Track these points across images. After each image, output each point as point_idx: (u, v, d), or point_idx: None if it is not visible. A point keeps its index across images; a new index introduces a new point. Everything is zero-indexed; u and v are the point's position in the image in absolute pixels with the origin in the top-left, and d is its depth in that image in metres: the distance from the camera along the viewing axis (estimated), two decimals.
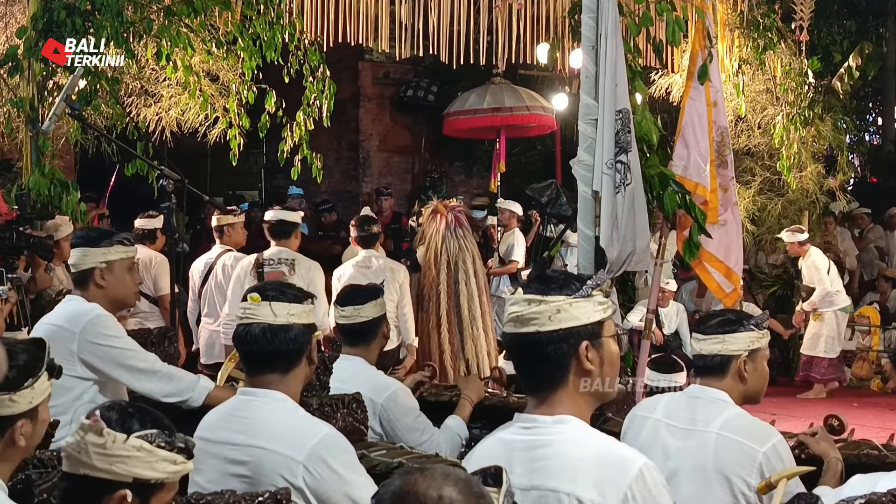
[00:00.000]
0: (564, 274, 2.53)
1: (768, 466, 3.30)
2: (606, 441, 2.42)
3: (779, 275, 12.14)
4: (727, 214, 6.15)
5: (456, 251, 8.10)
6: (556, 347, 2.41)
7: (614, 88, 5.00)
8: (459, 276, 8.12)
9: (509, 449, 2.44)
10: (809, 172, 11.35)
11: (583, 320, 2.42)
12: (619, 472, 2.31)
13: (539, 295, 2.41)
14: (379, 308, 4.41)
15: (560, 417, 2.41)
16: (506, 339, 2.50)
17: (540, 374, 2.46)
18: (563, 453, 2.36)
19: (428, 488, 1.72)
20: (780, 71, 10.84)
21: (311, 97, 8.59)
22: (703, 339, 3.51)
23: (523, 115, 13.14)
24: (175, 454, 2.29)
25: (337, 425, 3.70)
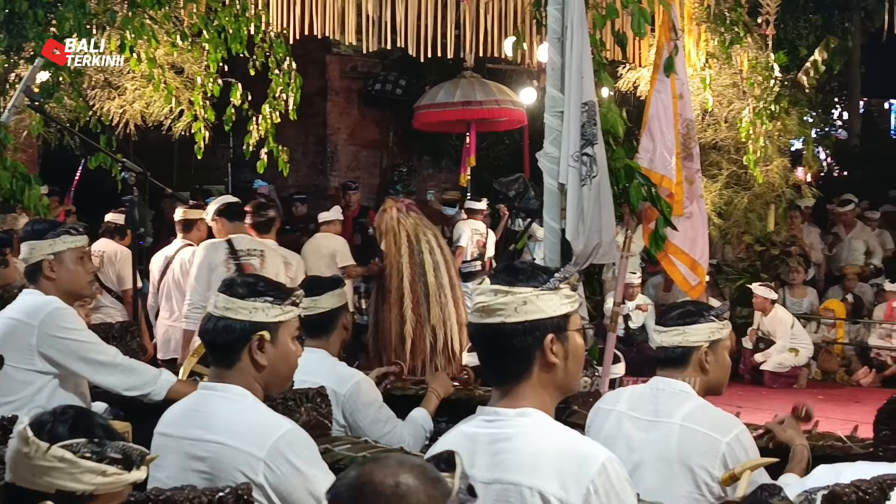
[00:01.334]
0: (532, 265, 2.51)
1: (731, 457, 3.30)
2: (569, 435, 2.41)
3: (745, 268, 12.20)
4: (693, 207, 6.16)
5: (414, 226, 8.14)
6: (522, 339, 2.39)
7: (580, 81, 4.99)
8: (422, 246, 8.15)
9: (472, 442, 2.41)
10: (776, 166, 11.41)
11: (549, 313, 2.40)
12: (582, 466, 2.29)
13: (506, 286, 2.39)
14: (338, 299, 4.35)
15: (523, 410, 2.39)
16: (471, 329, 2.48)
17: (504, 366, 2.44)
18: (526, 447, 2.35)
19: (384, 476, 1.71)
20: (747, 65, 10.88)
21: (278, 90, 8.54)
22: (665, 331, 3.52)
23: (493, 110, 13.14)
24: (105, 465, 2.22)
25: (301, 419, 3.68)
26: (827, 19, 12.86)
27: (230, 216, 7.29)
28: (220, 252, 7.11)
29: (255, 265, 7.05)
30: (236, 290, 3.05)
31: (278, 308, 3.04)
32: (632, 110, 7.23)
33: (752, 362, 11.42)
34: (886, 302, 11.86)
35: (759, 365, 11.30)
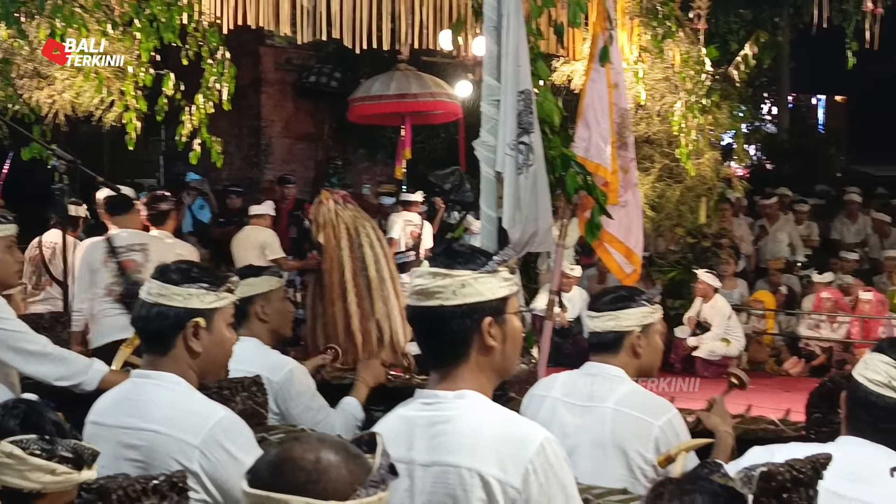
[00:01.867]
0: (471, 248, 2.50)
1: (664, 440, 3.36)
2: (508, 416, 2.41)
3: (677, 260, 12.35)
4: (627, 196, 6.22)
5: (352, 218, 8.05)
6: (460, 322, 2.38)
7: (516, 69, 5.00)
8: (362, 239, 8.06)
9: (410, 425, 2.41)
10: (707, 159, 11.56)
11: (487, 296, 2.39)
12: (521, 446, 2.29)
13: (444, 269, 2.38)
14: (248, 288, 4.23)
15: (461, 393, 2.39)
16: (409, 311, 2.48)
17: (442, 349, 2.43)
18: (464, 429, 2.34)
19: (304, 452, 1.71)
20: (679, 59, 10.99)
21: (211, 80, 8.44)
22: (597, 317, 3.55)
23: (429, 102, 13.10)
24: (55, 464, 2.17)
25: (236, 408, 3.63)
26: (757, 14, 13.07)
27: (112, 210, 7.07)
28: (99, 251, 6.89)
29: (138, 260, 6.83)
30: (170, 276, 3.00)
31: (213, 294, 3.01)
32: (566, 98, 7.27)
33: (683, 352, 11.55)
34: (815, 293, 12.07)
35: (692, 352, 11.43)
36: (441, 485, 2.33)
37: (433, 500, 2.34)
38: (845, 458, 2.61)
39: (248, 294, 4.25)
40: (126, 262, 6.81)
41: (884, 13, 9.57)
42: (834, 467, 2.53)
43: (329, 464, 1.70)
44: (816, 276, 12.32)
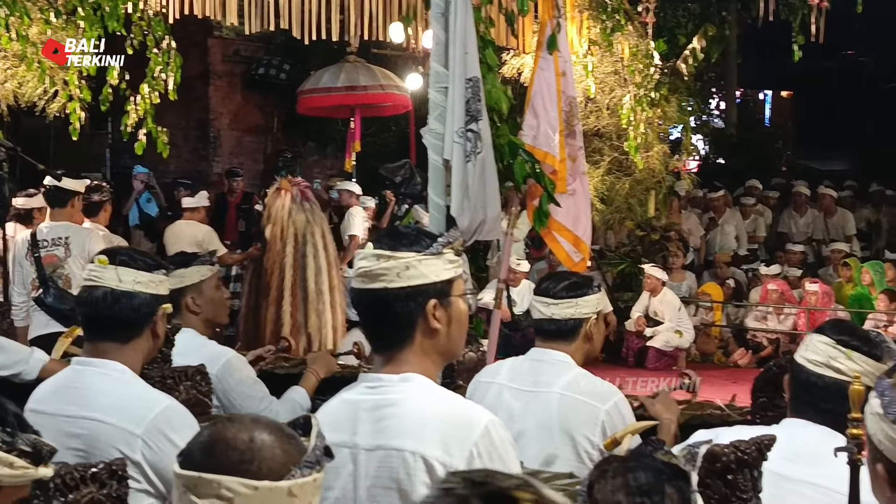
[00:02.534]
0: (416, 230, 2.48)
1: (610, 424, 3.39)
2: (452, 399, 2.40)
3: (626, 253, 12.42)
4: (576, 184, 6.23)
5: (303, 224, 7.98)
6: (404, 305, 2.36)
7: (464, 56, 4.97)
8: (307, 249, 8.00)
9: (354, 409, 2.39)
10: (656, 153, 11.65)
11: (432, 278, 2.37)
12: (465, 429, 2.28)
13: (389, 250, 2.35)
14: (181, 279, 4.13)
15: (406, 376, 2.37)
16: (354, 294, 2.45)
17: (386, 332, 2.41)
18: (409, 412, 2.33)
19: (238, 432, 1.69)
20: (628, 53, 11.06)
21: (156, 69, 8.34)
22: (557, 304, 3.52)
23: (378, 94, 13.08)
24: (14, 457, 2.12)
25: (180, 398, 3.58)
26: (704, 8, 13.16)
27: (48, 202, 6.93)
28: (24, 245, 6.78)
29: (59, 255, 6.71)
30: (138, 261, 2.98)
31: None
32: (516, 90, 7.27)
33: (635, 345, 11.62)
34: (762, 285, 12.20)
35: (644, 344, 11.49)
36: (385, 468, 2.31)
37: (377, 485, 2.33)
38: (789, 439, 2.63)
39: (179, 286, 4.11)
40: (47, 256, 6.69)
41: (829, 7, 9.66)
42: (778, 449, 2.55)
43: (263, 443, 1.68)
44: (764, 269, 12.46)
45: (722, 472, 2.49)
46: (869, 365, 2.61)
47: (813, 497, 2.59)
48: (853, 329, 2.77)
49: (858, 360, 2.62)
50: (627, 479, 1.66)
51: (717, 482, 2.49)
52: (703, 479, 2.48)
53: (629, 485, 1.65)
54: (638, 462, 1.68)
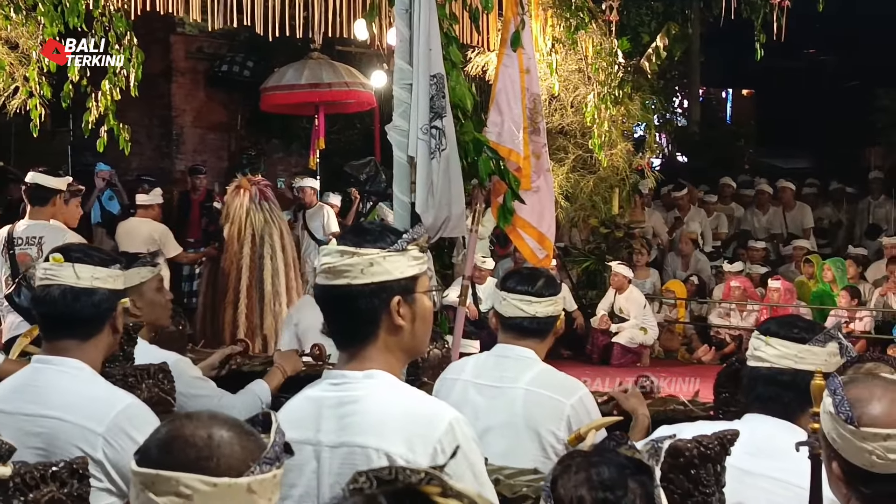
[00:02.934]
0: (381, 226, 2.47)
1: (575, 418, 3.41)
2: (417, 396, 2.40)
3: (591, 250, 12.46)
4: (540, 181, 6.25)
5: (261, 224, 7.93)
6: (368, 301, 2.35)
7: (428, 53, 4.98)
8: (265, 250, 7.96)
9: (318, 406, 2.37)
10: (620, 150, 11.70)
11: (396, 275, 2.36)
12: (429, 426, 2.28)
13: (353, 247, 2.34)
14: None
15: (370, 372, 2.36)
16: (317, 290, 2.43)
17: (350, 328, 2.40)
18: (372, 409, 2.32)
19: (196, 429, 1.68)
20: (592, 51, 11.10)
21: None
22: (541, 301, 3.52)
23: (342, 92, 13.03)
24: None
25: (142, 396, 3.55)
26: (668, 7, 13.25)
27: (29, 200, 6.81)
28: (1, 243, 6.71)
29: (32, 254, 6.64)
30: (94, 257, 2.95)
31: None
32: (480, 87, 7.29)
33: (600, 342, 11.67)
34: (725, 282, 12.28)
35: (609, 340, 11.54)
36: (349, 466, 2.30)
37: (341, 482, 2.30)
38: (750, 434, 2.67)
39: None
40: (20, 254, 6.61)
41: (790, 6, 9.75)
42: (739, 443, 2.57)
43: (221, 440, 1.67)
44: (727, 266, 12.54)
45: (685, 466, 2.51)
46: (788, 348, 2.68)
47: (774, 491, 2.62)
48: (783, 319, 2.85)
49: (777, 345, 2.69)
50: (591, 473, 1.67)
51: (680, 477, 2.51)
52: (666, 473, 2.49)
53: (592, 479, 1.66)
54: (601, 457, 1.69)
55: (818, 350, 2.67)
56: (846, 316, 11.27)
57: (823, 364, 2.64)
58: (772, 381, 2.69)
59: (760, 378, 2.71)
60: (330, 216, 11.46)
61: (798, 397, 2.63)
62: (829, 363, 2.67)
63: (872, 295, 11.50)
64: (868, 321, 11.17)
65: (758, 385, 2.72)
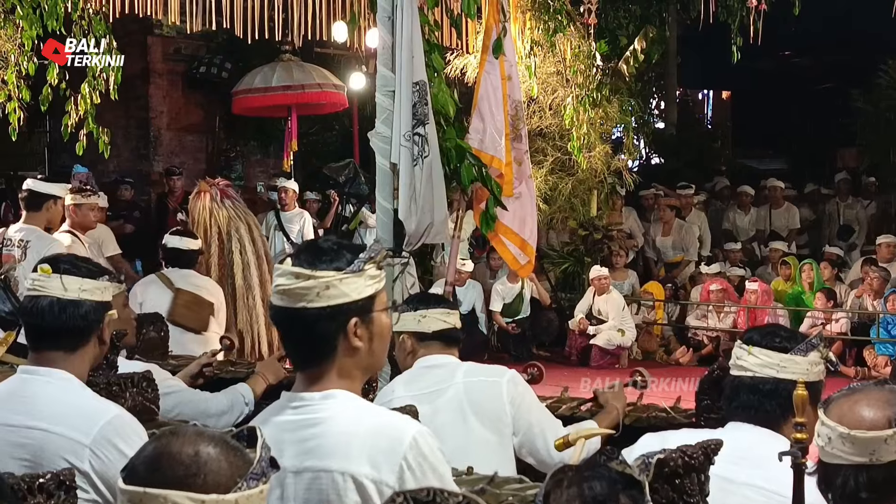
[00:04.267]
0: (337, 244, 2.41)
1: (513, 392, 3.63)
2: (378, 413, 2.38)
3: (569, 252, 12.51)
4: (522, 187, 6.28)
5: (226, 220, 7.90)
6: (325, 325, 2.33)
7: (411, 60, 4.99)
8: (233, 245, 7.92)
9: (278, 431, 2.32)
10: (598, 153, 11.75)
11: (353, 296, 2.33)
12: (393, 442, 2.27)
13: (308, 269, 2.30)
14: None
15: (328, 393, 2.34)
16: (272, 312, 2.39)
17: (307, 351, 2.38)
18: (334, 430, 2.30)
19: (182, 446, 1.69)
20: (570, 53, 11.14)
21: (97, 69, 8.23)
22: (454, 313, 3.86)
23: (314, 94, 12.99)
24: None
25: (126, 404, 3.56)
26: (645, 9, 13.30)
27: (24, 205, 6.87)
28: None
29: (16, 256, 6.66)
30: (82, 269, 2.95)
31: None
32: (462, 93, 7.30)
33: (579, 343, 11.71)
34: (703, 284, 12.34)
35: (587, 342, 11.58)
36: (314, 491, 2.29)
37: None
38: (733, 443, 2.69)
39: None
40: (5, 255, 6.62)
41: (766, 10, 9.81)
42: (722, 452, 2.59)
43: (209, 456, 1.68)
44: (704, 268, 12.61)
45: (669, 476, 2.52)
46: (770, 357, 2.73)
47: (757, 500, 2.65)
48: (766, 328, 2.89)
49: (759, 354, 2.74)
50: (582, 488, 1.68)
51: (664, 487, 2.52)
52: (650, 484, 2.51)
53: (584, 494, 1.68)
54: (593, 472, 1.71)
55: (800, 359, 2.71)
56: (822, 317, 11.35)
57: (805, 373, 2.69)
58: (754, 389, 2.73)
59: (743, 387, 2.76)
60: (308, 223, 11.45)
61: (780, 406, 2.70)
62: (810, 372, 2.72)
63: (848, 296, 11.58)
64: (844, 322, 11.25)
65: (740, 394, 2.76)
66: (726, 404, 2.84)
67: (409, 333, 3.77)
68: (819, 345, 2.76)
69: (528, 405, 3.64)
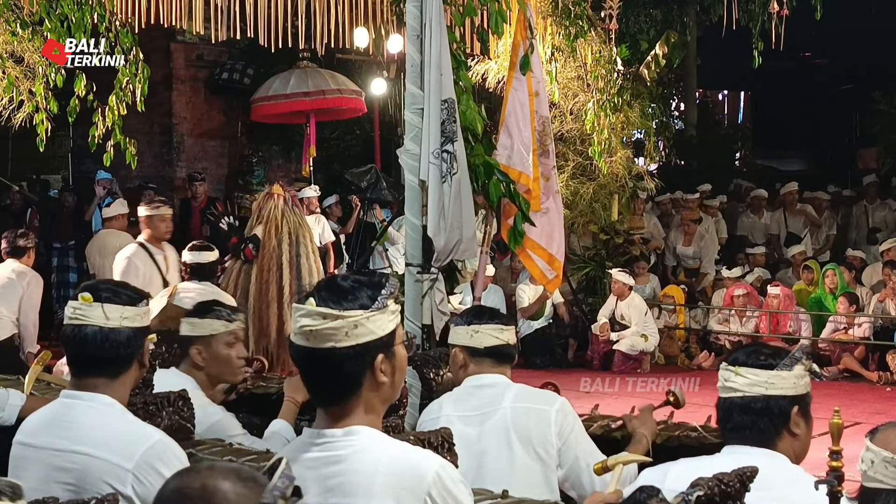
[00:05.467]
0: (356, 281, 2.39)
1: (561, 422, 3.59)
2: (400, 448, 2.37)
3: (591, 256, 12.52)
4: (549, 202, 6.31)
5: (297, 226, 8.04)
6: (353, 364, 2.33)
7: (439, 78, 5.02)
8: (300, 249, 8.06)
9: (301, 468, 2.30)
10: (619, 157, 11.76)
11: (379, 333, 2.34)
12: (416, 479, 2.28)
13: (335, 309, 2.30)
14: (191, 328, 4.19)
15: (350, 429, 2.34)
16: (296, 351, 2.37)
17: (332, 390, 2.37)
18: (357, 468, 2.30)
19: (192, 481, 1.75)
20: (591, 58, 11.14)
21: (124, 80, 8.29)
22: (509, 329, 3.80)
23: (335, 99, 13.05)
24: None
25: (162, 424, 3.60)
26: (666, 14, 13.29)
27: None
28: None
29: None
30: (122, 296, 2.99)
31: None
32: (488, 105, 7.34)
33: (601, 348, 11.72)
34: (725, 288, 12.32)
35: (610, 348, 11.59)
36: None
37: None
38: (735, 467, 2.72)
39: (188, 334, 4.14)
40: None
41: (788, 14, 9.80)
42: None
43: (216, 489, 1.73)
44: (725, 272, 12.58)
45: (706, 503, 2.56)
46: (758, 375, 2.74)
47: None
48: (749, 347, 2.89)
49: (746, 374, 2.75)
50: None
51: None
52: None
53: None
54: None
55: (786, 374, 2.74)
56: (844, 322, 11.32)
57: (793, 387, 2.74)
58: (746, 409, 2.75)
59: (734, 408, 2.77)
60: (326, 228, 11.52)
61: (772, 422, 2.74)
62: (797, 385, 2.75)
63: (871, 300, 11.54)
64: (867, 327, 11.21)
65: (733, 415, 2.78)
66: (720, 427, 2.86)
67: (461, 347, 3.77)
68: (801, 357, 2.79)
69: (575, 437, 3.61)
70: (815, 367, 2.94)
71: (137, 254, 7.56)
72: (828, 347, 11.24)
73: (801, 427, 2.76)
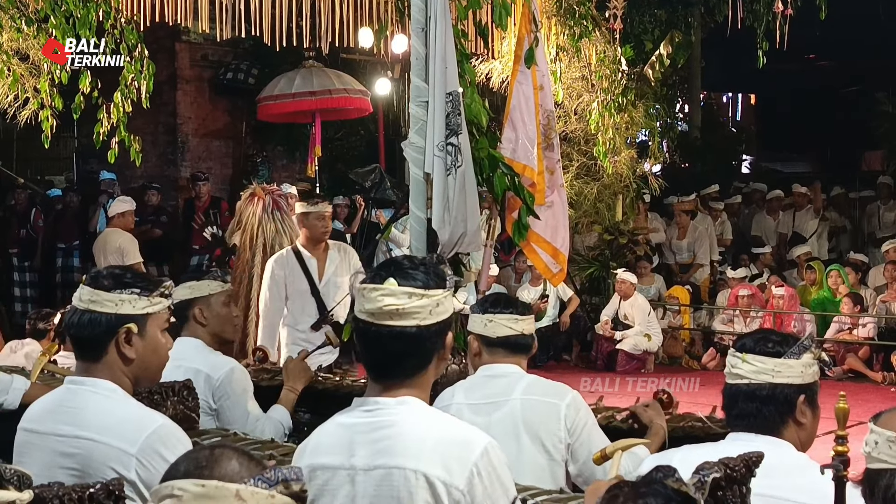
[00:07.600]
0: (422, 263, 2.49)
1: (571, 417, 3.58)
2: (450, 420, 2.47)
3: (595, 256, 12.52)
4: (554, 196, 6.31)
5: (272, 235, 7.92)
6: (433, 341, 2.43)
7: (444, 71, 5.03)
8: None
9: (350, 432, 2.43)
10: (623, 157, 11.76)
11: (450, 311, 2.46)
12: (465, 449, 2.35)
13: (420, 288, 2.39)
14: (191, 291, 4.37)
15: (403, 399, 2.42)
16: (372, 330, 2.42)
17: (403, 365, 2.44)
18: (408, 432, 2.38)
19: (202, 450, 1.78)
20: (595, 58, 11.16)
21: (129, 78, 8.30)
22: (524, 319, 3.76)
23: (340, 98, 13.06)
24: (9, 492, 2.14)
25: (167, 413, 3.60)
26: (671, 14, 13.27)
27: None
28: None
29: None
30: (101, 282, 2.97)
31: (146, 300, 2.98)
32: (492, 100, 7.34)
33: (605, 348, 11.72)
34: (730, 288, 12.31)
35: (613, 347, 11.58)
36: (385, 487, 2.36)
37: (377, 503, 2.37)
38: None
39: (188, 297, 4.34)
40: None
41: (793, 14, 9.81)
42: None
43: (221, 455, 1.75)
44: (730, 272, 12.57)
45: (712, 488, 2.55)
46: (764, 363, 2.72)
47: None
48: (757, 334, 2.88)
49: (753, 361, 2.74)
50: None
51: (708, 499, 2.55)
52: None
53: None
54: (648, 488, 1.74)
55: (793, 363, 2.73)
56: (849, 322, 11.31)
57: (800, 376, 2.72)
58: (751, 397, 2.74)
59: (740, 395, 2.76)
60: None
61: (778, 411, 2.72)
62: (805, 374, 2.73)
63: (875, 301, 11.53)
64: (871, 327, 11.21)
65: (738, 402, 2.77)
66: (726, 414, 2.85)
67: (476, 335, 3.78)
68: (811, 346, 2.77)
69: (588, 432, 3.60)
70: (824, 355, 2.91)
71: (279, 260, 6.78)
72: (832, 348, 11.25)
73: (808, 416, 2.75)
